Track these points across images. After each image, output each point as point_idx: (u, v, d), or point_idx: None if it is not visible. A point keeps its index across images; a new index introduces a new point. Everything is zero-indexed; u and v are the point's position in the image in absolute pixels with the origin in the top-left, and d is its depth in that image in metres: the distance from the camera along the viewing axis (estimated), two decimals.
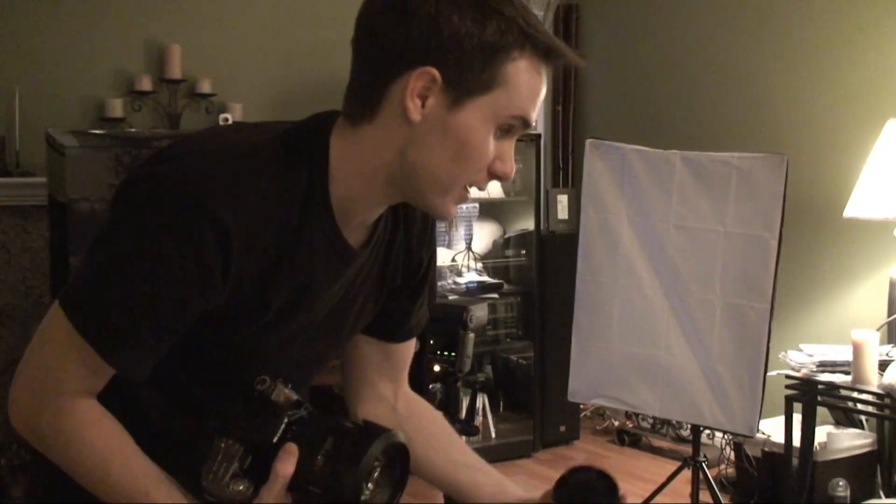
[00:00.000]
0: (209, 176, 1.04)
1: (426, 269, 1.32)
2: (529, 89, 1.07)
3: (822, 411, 3.42)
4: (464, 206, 4.80)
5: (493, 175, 1.11)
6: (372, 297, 1.27)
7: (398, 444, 1.06)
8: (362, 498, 1.02)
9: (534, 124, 1.13)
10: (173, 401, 1.17)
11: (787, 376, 3.30)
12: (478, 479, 1.34)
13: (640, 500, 3.47)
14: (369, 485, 1.04)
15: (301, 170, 1.09)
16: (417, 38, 1.04)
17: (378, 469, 1.04)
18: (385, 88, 1.07)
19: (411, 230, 1.27)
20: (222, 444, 1.05)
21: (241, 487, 1.04)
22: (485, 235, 4.82)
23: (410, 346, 1.40)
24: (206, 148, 1.10)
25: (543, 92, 1.10)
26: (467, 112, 1.06)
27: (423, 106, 1.05)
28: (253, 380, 1.07)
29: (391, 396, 1.39)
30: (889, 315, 3.42)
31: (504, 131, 1.09)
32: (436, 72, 1.04)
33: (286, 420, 1.05)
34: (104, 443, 1.08)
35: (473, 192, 1.15)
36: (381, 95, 1.07)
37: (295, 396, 1.08)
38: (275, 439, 1.04)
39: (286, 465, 1.03)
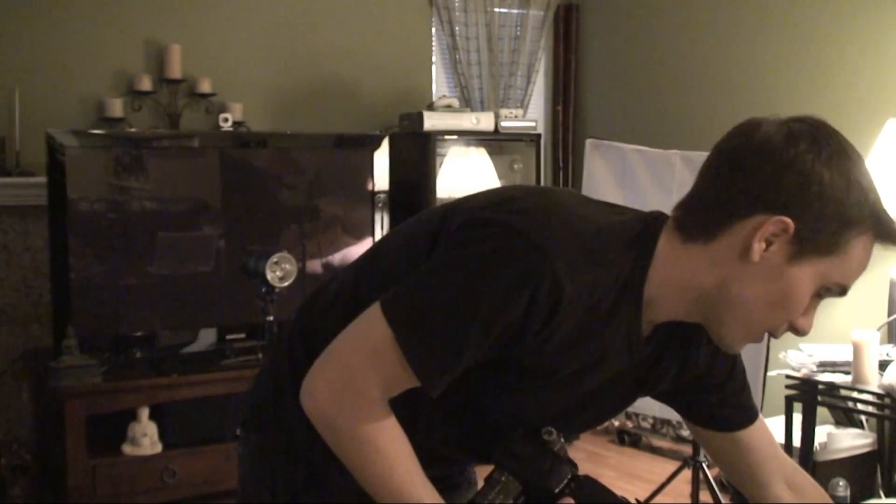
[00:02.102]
0: (561, 242, 1.10)
1: (726, 370, 1.34)
2: (860, 264, 1.14)
3: (822, 411, 3.42)
4: None
5: (792, 327, 1.15)
6: (625, 392, 1.30)
7: None
8: None
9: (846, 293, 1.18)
10: (451, 429, 1.27)
11: (788, 376, 3.30)
12: None
13: (640, 501, 3.47)
14: None
15: (629, 261, 1.14)
16: (785, 188, 1.08)
17: None
18: (733, 221, 1.10)
19: (694, 344, 1.28)
20: (503, 478, 1.15)
21: None
22: None
23: (759, 432, 1.38)
24: (559, 213, 1.15)
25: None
26: (803, 268, 1.10)
27: (765, 249, 1.09)
28: (538, 428, 1.19)
29: (774, 486, 1.38)
30: (889, 315, 3.42)
31: (820, 293, 1.14)
32: (792, 223, 1.07)
33: (570, 475, 1.15)
34: (395, 450, 1.16)
35: (473, 192, 1.17)
36: (726, 226, 1.11)
37: (568, 455, 1.17)
38: (557, 489, 1.14)
39: None
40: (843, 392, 3.20)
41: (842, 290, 1.15)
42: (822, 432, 3.50)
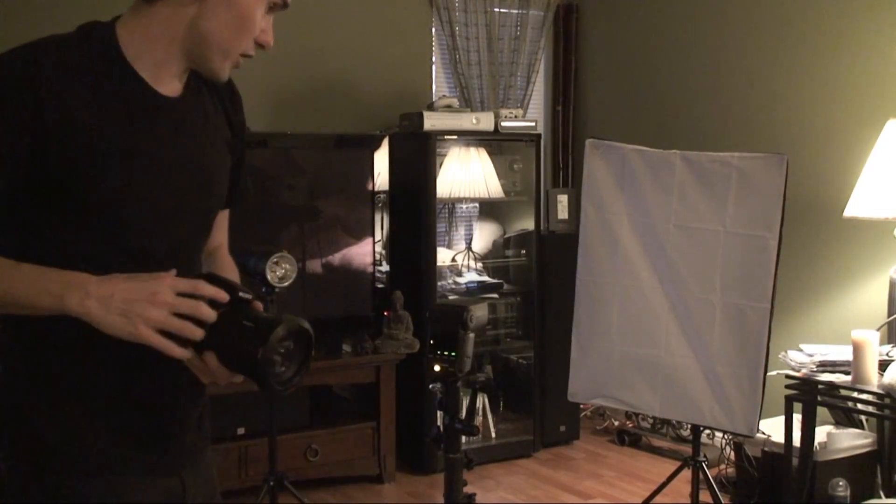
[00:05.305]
0: (14, 51, 1.27)
1: (243, 135, 1.57)
2: None
3: (822, 411, 3.43)
4: (464, 205, 4.82)
5: (259, 44, 1.40)
6: (222, 138, 1.50)
7: (304, 328, 1.29)
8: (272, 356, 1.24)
9: (289, 5, 1.43)
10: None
11: (787, 376, 3.30)
12: None
13: (640, 501, 3.47)
14: (280, 350, 1.25)
15: (94, 44, 1.33)
16: None
17: (286, 341, 1.26)
18: None
19: (218, 91, 1.50)
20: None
21: None
22: (485, 235, 4.82)
23: (226, 214, 1.66)
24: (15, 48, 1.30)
25: None
26: None
27: None
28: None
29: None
30: (889, 315, 3.42)
31: (269, 9, 1.38)
32: None
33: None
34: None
35: (473, 192, 1.18)
36: None
37: None
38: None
39: (221, 293, 1.26)
40: (843, 392, 3.20)
41: (284, 4, 1.39)
42: (822, 432, 3.50)
